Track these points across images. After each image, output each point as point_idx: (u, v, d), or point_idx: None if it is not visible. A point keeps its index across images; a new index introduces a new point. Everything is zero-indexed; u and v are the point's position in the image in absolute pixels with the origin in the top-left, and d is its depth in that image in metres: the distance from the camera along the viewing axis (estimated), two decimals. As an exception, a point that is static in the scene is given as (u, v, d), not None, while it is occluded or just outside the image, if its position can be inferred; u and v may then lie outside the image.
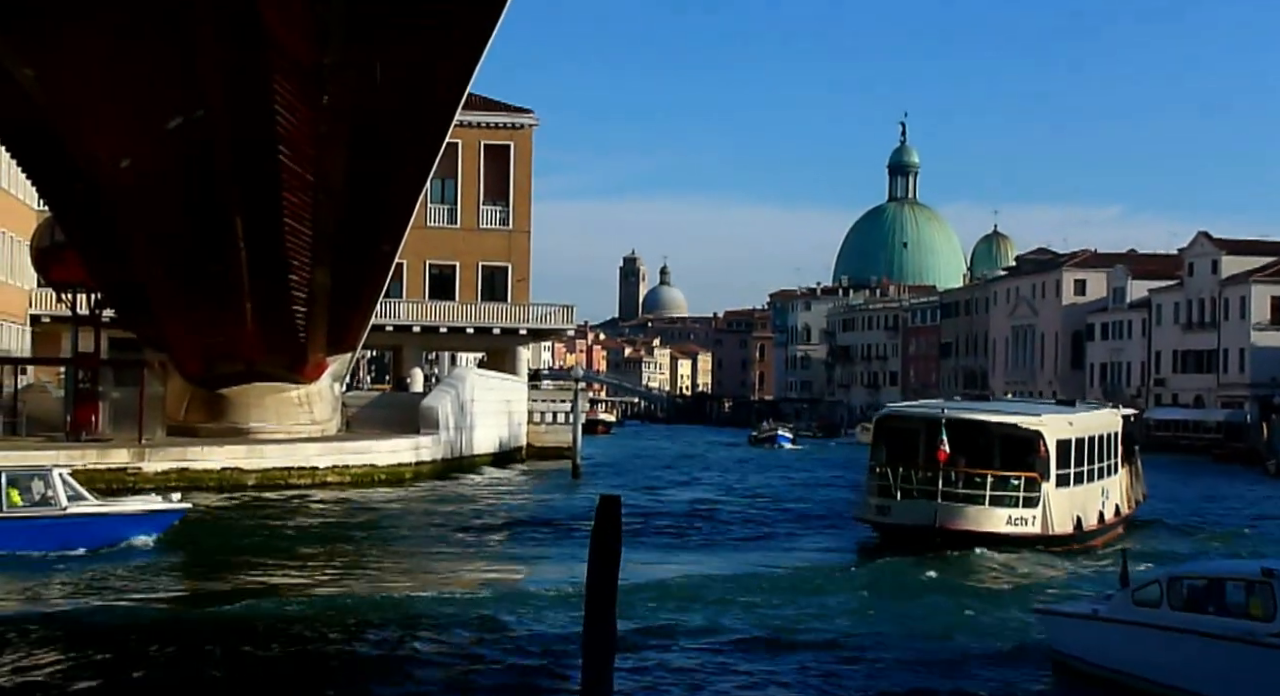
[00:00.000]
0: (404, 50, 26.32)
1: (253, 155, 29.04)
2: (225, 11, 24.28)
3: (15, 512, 22.71)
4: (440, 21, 26.03)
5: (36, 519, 22.84)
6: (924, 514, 25.56)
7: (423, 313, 58.37)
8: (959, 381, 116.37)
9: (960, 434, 26.11)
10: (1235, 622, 13.35)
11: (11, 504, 22.76)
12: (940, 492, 25.52)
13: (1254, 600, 13.36)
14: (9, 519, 22.54)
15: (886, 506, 26.61)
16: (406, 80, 27.92)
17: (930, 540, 25.12)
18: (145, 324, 39.78)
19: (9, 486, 22.83)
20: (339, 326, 40.98)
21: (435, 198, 57.79)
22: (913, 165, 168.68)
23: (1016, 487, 25.95)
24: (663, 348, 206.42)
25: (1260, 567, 13.57)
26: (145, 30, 24.91)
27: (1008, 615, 19.33)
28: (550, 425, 63.47)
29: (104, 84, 26.61)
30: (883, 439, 27.85)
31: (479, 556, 25.93)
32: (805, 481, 50.31)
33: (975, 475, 25.95)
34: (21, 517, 22.72)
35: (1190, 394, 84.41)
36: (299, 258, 34.26)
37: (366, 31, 25.28)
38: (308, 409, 42.97)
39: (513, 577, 23.37)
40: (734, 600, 20.14)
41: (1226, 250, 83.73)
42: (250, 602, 19.32)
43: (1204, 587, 14.13)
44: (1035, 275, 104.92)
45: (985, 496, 25.73)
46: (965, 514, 25.58)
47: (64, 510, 23.08)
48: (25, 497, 23.01)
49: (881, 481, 26.84)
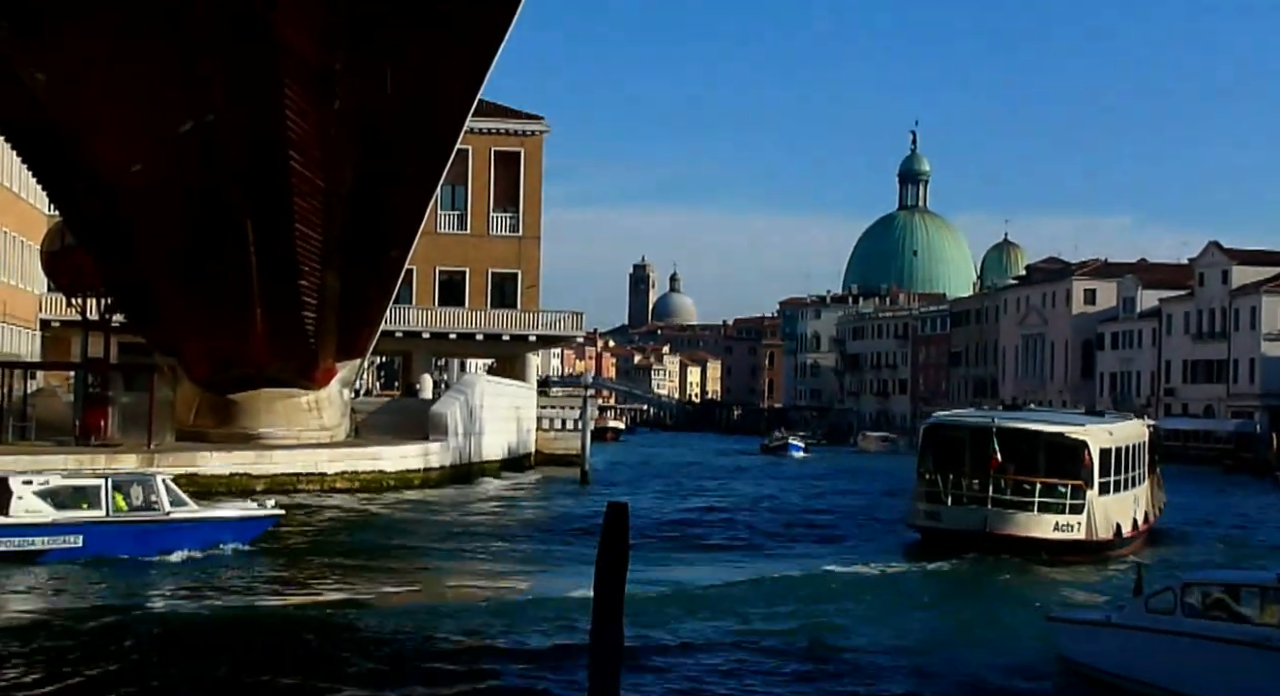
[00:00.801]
0: (414, 56, 26.33)
1: (263, 160, 29.06)
2: (236, 16, 24.31)
3: (120, 517, 23.31)
4: (451, 27, 26.04)
5: (140, 523, 23.46)
6: (974, 520, 26.42)
7: (432, 319, 58.38)
8: (969, 390, 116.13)
9: (1008, 442, 26.91)
10: (1250, 629, 13.28)
11: (116, 508, 23.35)
12: (990, 499, 26.38)
13: (1269, 607, 13.30)
14: (114, 523, 23.16)
15: (936, 512, 27.46)
16: (416, 86, 27.93)
17: (980, 545, 25.87)
18: (155, 328, 39.82)
19: (114, 491, 23.43)
20: (349, 332, 40.99)
21: (445, 204, 57.81)
22: (923, 173, 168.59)
23: (1064, 495, 26.70)
24: (672, 355, 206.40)
25: (1276, 574, 13.53)
26: (156, 35, 24.95)
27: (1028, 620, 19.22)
28: (559, 432, 63.46)
29: (115, 88, 26.64)
30: (930, 447, 28.75)
31: (486, 563, 25.89)
32: (821, 491, 50.15)
33: (1024, 482, 26.70)
34: (126, 522, 23.33)
35: (1200, 404, 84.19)
36: (309, 263, 34.27)
37: (376, 36, 25.30)
38: (317, 414, 42.97)
39: (520, 584, 23.33)
40: (749, 609, 20.04)
41: (1237, 260, 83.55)
42: (328, 606, 19.55)
43: (1218, 595, 14.07)
44: (1045, 284, 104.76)
45: (1034, 503, 26.52)
46: (1015, 520, 26.34)
47: (167, 515, 23.72)
48: (129, 502, 23.57)
49: (931, 488, 27.68)
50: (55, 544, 22.71)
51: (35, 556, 22.54)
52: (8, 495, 22.64)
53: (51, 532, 22.73)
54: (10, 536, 22.38)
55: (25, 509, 22.65)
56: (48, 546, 22.71)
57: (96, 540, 22.99)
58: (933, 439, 28.99)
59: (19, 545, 22.46)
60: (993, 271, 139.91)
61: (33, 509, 22.69)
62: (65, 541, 22.77)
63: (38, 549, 22.66)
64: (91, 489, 23.46)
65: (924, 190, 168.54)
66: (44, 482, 23.26)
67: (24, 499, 22.67)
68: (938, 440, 28.86)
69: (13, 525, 22.44)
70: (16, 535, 22.45)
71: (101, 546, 22.96)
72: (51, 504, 22.92)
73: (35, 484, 23.09)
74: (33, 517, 22.62)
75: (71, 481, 24.01)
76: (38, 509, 22.73)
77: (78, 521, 22.96)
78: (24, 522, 22.53)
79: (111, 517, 23.15)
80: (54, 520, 22.81)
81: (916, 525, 28.68)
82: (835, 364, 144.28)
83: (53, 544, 22.70)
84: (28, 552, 22.46)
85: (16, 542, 22.44)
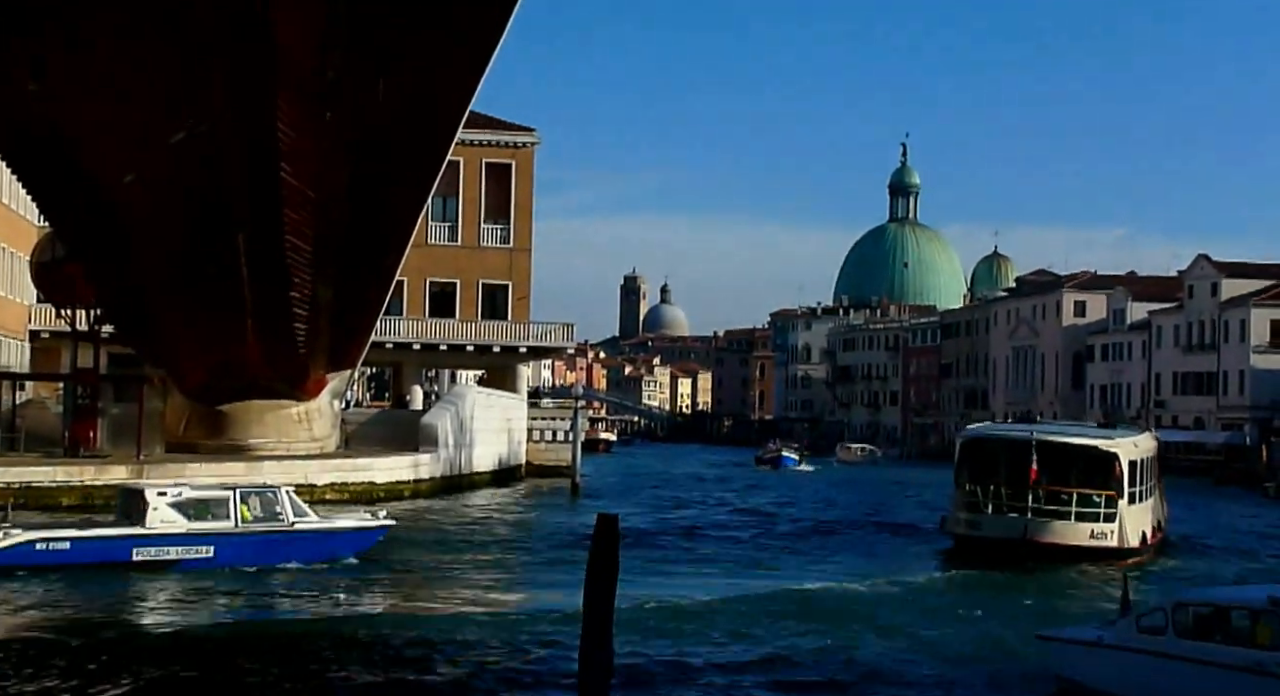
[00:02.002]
0: (407, 66, 26.30)
1: (255, 171, 29.02)
2: (233, 26, 24.27)
3: (247, 528, 23.95)
4: (443, 38, 26.03)
5: (266, 533, 24.11)
6: (1014, 528, 27.89)
7: (423, 330, 58.32)
8: (959, 402, 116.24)
9: (1044, 454, 28.45)
10: (1243, 651, 13.22)
11: (243, 519, 24.00)
12: (1030, 508, 27.93)
13: (1261, 628, 13.22)
14: (242, 533, 23.83)
15: (977, 521, 28.87)
16: (409, 97, 27.89)
17: (1020, 552, 27.22)
18: (145, 339, 39.73)
19: (241, 502, 24.09)
20: (339, 343, 40.92)
21: (436, 215, 57.79)
22: (914, 185, 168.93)
23: (1098, 504, 28.29)
24: (663, 366, 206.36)
25: (1268, 596, 13.44)
26: (150, 43, 24.89)
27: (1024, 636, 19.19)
28: (550, 443, 63.44)
29: (108, 98, 26.58)
30: (968, 459, 30.25)
31: (476, 575, 25.83)
32: (823, 501, 50.05)
33: (1061, 492, 28.28)
34: (253, 533, 23.99)
35: (1190, 416, 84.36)
36: (300, 274, 34.22)
37: (370, 47, 25.27)
38: (307, 426, 42.88)
39: (510, 596, 23.33)
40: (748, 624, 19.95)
41: (1226, 273, 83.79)
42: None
43: (1210, 615, 14.00)
44: (1035, 296, 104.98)
45: (1071, 512, 28.05)
46: (1053, 528, 27.90)
47: (291, 525, 24.37)
48: (254, 513, 24.21)
49: (970, 498, 29.18)
50: (189, 554, 23.40)
51: (170, 566, 23.14)
52: (144, 506, 23.33)
53: (185, 543, 23.42)
54: (148, 546, 23.13)
55: (161, 520, 23.32)
56: (182, 556, 23.38)
57: (226, 550, 23.67)
58: (970, 451, 30.49)
59: (155, 555, 23.19)
60: (983, 283, 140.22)
61: (168, 520, 23.36)
62: (198, 551, 23.47)
63: (173, 559, 23.31)
64: (220, 500, 24.08)
65: (914, 202, 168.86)
66: (177, 494, 23.96)
67: (159, 510, 23.37)
68: (975, 452, 30.37)
69: (150, 535, 23.19)
70: (154, 545, 23.20)
71: (230, 556, 23.65)
72: (184, 515, 23.57)
73: (169, 495, 23.77)
74: (168, 528, 23.30)
75: (201, 493, 24.59)
76: (172, 520, 23.39)
77: (209, 532, 23.63)
78: (160, 533, 23.25)
79: (240, 528, 23.86)
80: (188, 530, 23.48)
81: (957, 533, 29.85)
82: (826, 375, 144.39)
83: (186, 554, 23.40)
84: (164, 562, 23.14)
85: (153, 552, 23.19)
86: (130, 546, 23.11)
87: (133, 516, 23.67)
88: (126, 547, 23.10)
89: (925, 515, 41.88)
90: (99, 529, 23.57)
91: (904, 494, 56.03)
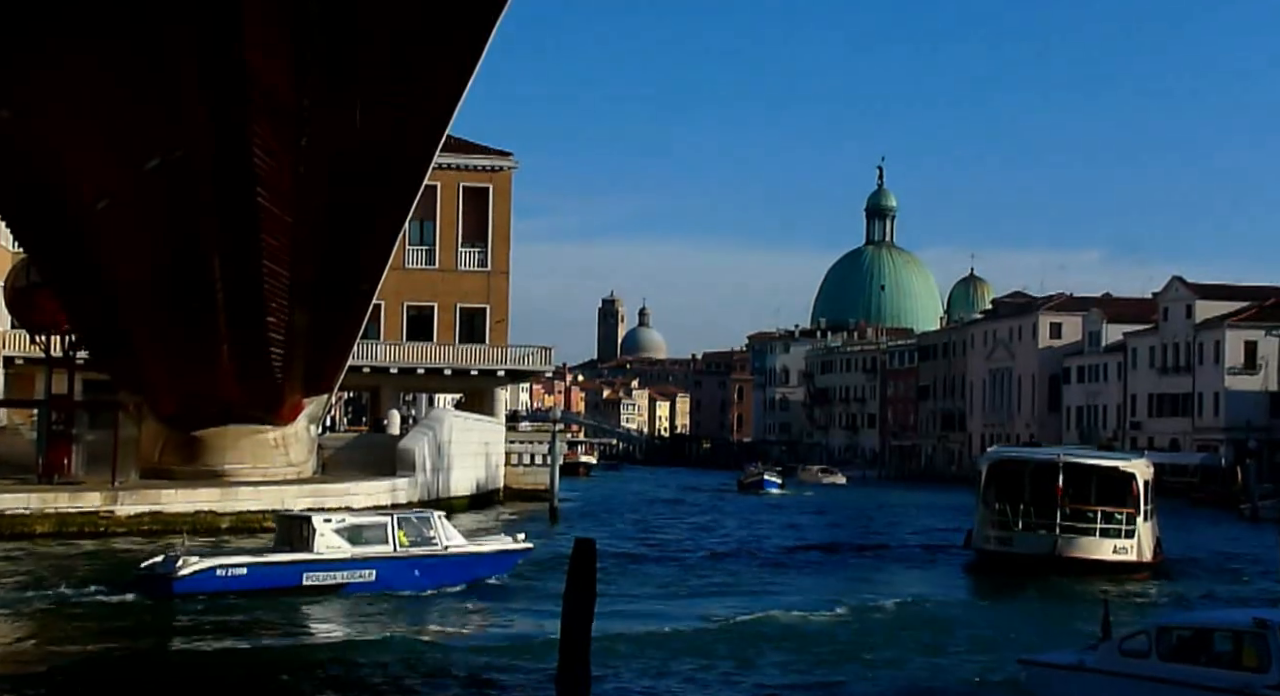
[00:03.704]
0: (383, 92, 26.28)
1: (231, 196, 28.95)
2: (207, 53, 24.24)
3: (405, 552, 24.78)
4: (420, 63, 26.04)
5: (422, 558, 24.98)
6: (1045, 544, 30.08)
7: (400, 354, 58.19)
8: (937, 424, 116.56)
9: (1067, 474, 30.74)
10: (1229, 674, 13.15)
11: (400, 544, 24.79)
12: (1059, 526, 30.10)
13: (1247, 650, 13.15)
14: (401, 558, 24.63)
15: (1008, 537, 30.95)
16: (385, 122, 27.87)
17: (1050, 567, 29.31)
18: (120, 365, 39.52)
19: (398, 527, 24.94)
20: (316, 368, 40.78)
21: (414, 239, 57.76)
22: (890, 209, 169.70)
23: (1120, 521, 30.59)
24: (641, 389, 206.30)
25: (1252, 618, 13.40)
26: (124, 69, 24.84)
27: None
28: (528, 467, 63.22)
29: (82, 124, 26.49)
30: (994, 479, 32.28)
31: (451, 602, 25.71)
32: (807, 525, 49.88)
33: (1086, 510, 30.54)
34: (410, 557, 24.83)
35: (1166, 437, 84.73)
36: (276, 299, 34.11)
37: (345, 73, 25.26)
38: (283, 451, 42.70)
39: (487, 623, 23.17)
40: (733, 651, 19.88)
41: (1200, 295, 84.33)
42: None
43: (1194, 637, 13.95)
44: (1012, 319, 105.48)
45: (1096, 528, 30.33)
46: (1080, 544, 30.15)
47: (445, 550, 25.28)
48: (410, 537, 25.02)
49: (1000, 516, 31.27)
50: (353, 578, 24.22)
51: (336, 590, 24.01)
52: (311, 532, 24.18)
53: (350, 567, 24.23)
54: (317, 571, 24.00)
55: (327, 545, 24.16)
56: (347, 580, 24.21)
57: (386, 574, 24.41)
58: (996, 472, 32.53)
59: (323, 579, 24.04)
60: (959, 306, 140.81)
61: (333, 545, 24.20)
62: (361, 575, 24.30)
63: (338, 582, 24.13)
64: (379, 526, 24.91)
65: (891, 225, 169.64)
66: (340, 520, 25.02)
67: (325, 536, 24.21)
68: (1002, 473, 32.41)
69: (319, 561, 24.04)
70: (322, 570, 24.05)
71: (390, 580, 24.42)
72: (347, 540, 24.39)
73: (334, 522, 24.73)
74: (334, 554, 24.12)
75: (362, 519, 25.77)
76: (338, 545, 24.21)
77: (371, 556, 24.40)
78: (328, 559, 24.09)
79: (398, 553, 24.62)
80: (352, 555, 24.27)
81: (987, 549, 31.80)
82: (804, 398, 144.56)
83: (351, 578, 24.22)
84: (331, 586, 24.01)
85: (321, 577, 24.03)
86: (301, 571, 23.96)
87: (295, 542, 24.48)
88: (297, 573, 23.95)
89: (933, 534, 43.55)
90: (271, 555, 24.47)
91: (900, 515, 56.45)
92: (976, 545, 32.70)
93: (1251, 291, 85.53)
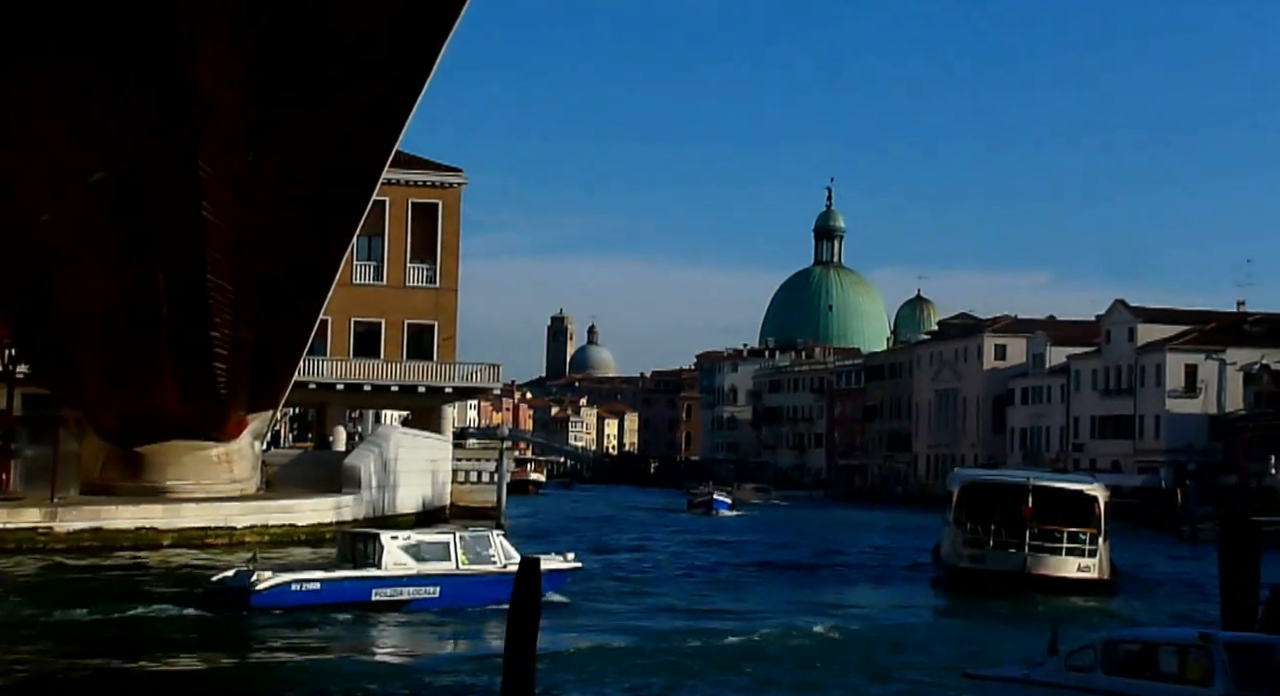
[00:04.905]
0: (330, 108, 26.24)
1: (176, 210, 28.77)
2: (153, 67, 24.11)
3: (466, 569, 25.53)
4: (370, 78, 26.02)
5: (483, 575, 25.59)
6: (1015, 561, 31.72)
7: (347, 370, 57.82)
8: (884, 444, 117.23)
9: (1035, 497, 32.42)
10: (1174, 688, 13.30)
11: (462, 561, 25.61)
12: (1028, 545, 31.76)
13: (1191, 665, 13.31)
14: (463, 575, 25.39)
15: (981, 555, 32.49)
16: (333, 138, 27.83)
17: (1019, 583, 30.98)
18: (62, 380, 39.09)
19: (459, 545, 25.80)
20: (261, 384, 40.51)
21: (361, 255, 57.49)
22: (839, 229, 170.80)
23: (1084, 541, 32.22)
24: (590, 407, 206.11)
25: (1197, 633, 13.58)
26: (68, 84, 24.67)
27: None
28: (475, 484, 62.93)
29: (24, 138, 26.26)
30: (965, 500, 33.80)
31: (394, 621, 25.60)
32: (761, 545, 49.84)
33: (1054, 531, 32.11)
34: (472, 574, 25.53)
35: (1108, 459, 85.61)
36: (222, 314, 33.89)
37: (292, 89, 25.20)
38: (227, 467, 42.37)
39: (428, 643, 23.09)
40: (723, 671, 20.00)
41: (1143, 318, 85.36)
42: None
43: (1140, 652, 14.08)
44: (957, 340, 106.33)
45: (1063, 547, 32.00)
46: (1048, 562, 31.83)
47: (504, 567, 25.39)
48: (470, 555, 25.77)
49: (973, 535, 32.87)
50: (419, 594, 25.13)
51: (402, 605, 24.92)
52: (379, 549, 25.07)
53: (416, 584, 25.12)
54: (385, 587, 24.92)
55: (394, 562, 25.03)
56: (413, 597, 25.09)
57: (449, 590, 25.25)
58: (968, 494, 34.14)
59: (391, 595, 24.95)
60: (906, 327, 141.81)
61: (400, 562, 25.05)
62: (426, 592, 25.20)
63: (405, 598, 25.04)
64: (442, 544, 25.83)
65: (839, 246, 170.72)
66: (406, 538, 26.08)
67: (392, 553, 25.10)
68: (972, 495, 34.04)
69: (387, 577, 24.92)
70: (389, 586, 24.94)
71: (453, 596, 25.22)
72: (413, 557, 25.25)
73: (400, 539, 25.74)
74: (401, 570, 24.96)
75: (426, 537, 26.86)
76: (404, 562, 25.05)
77: (436, 574, 25.26)
78: (396, 575, 24.95)
79: (461, 570, 25.40)
80: (418, 572, 25.16)
81: (960, 566, 33.10)
82: (752, 417, 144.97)
83: (417, 594, 25.13)
84: (398, 602, 24.89)
85: (389, 593, 24.95)
86: (370, 587, 24.83)
87: (357, 559, 25.38)
88: (367, 588, 24.82)
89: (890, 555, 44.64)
90: (342, 570, 25.28)
91: (855, 534, 57.10)
92: (948, 562, 34.06)
93: (1193, 315, 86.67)
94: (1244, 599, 17.50)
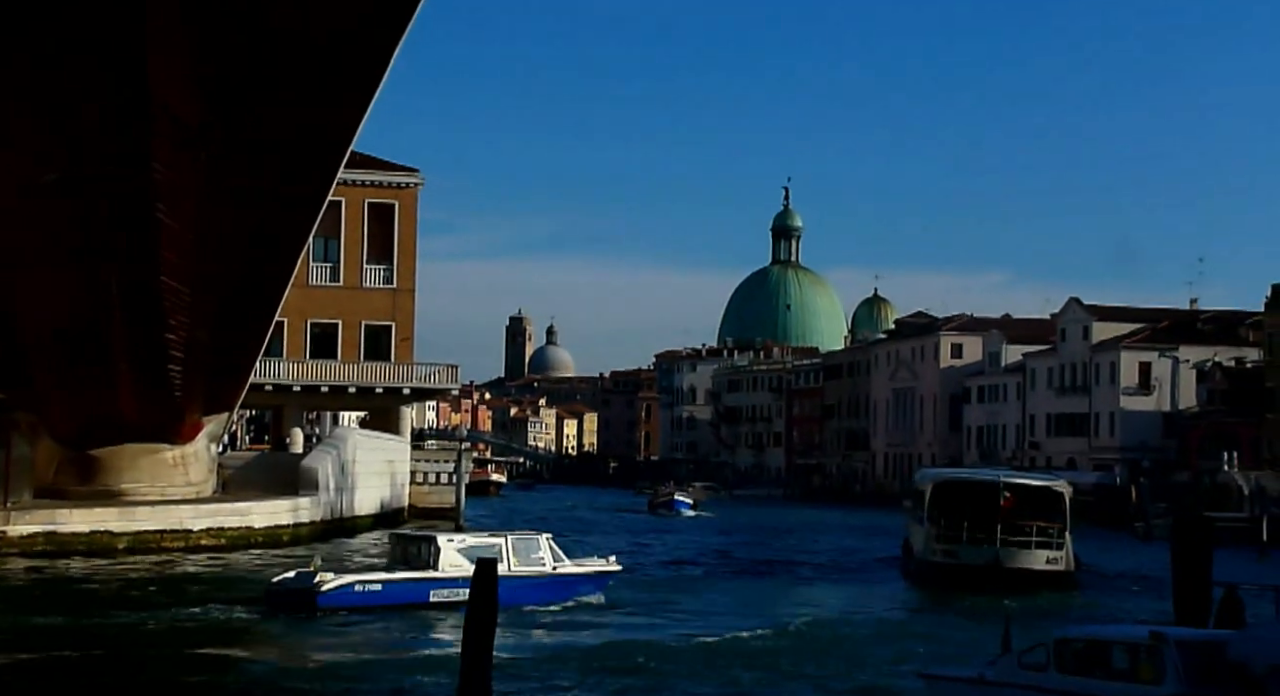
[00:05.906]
0: (283, 109, 26.11)
1: (130, 211, 28.56)
2: (106, 69, 23.92)
3: (518, 571, 26.36)
4: (323, 80, 25.92)
5: (534, 577, 26.96)
6: (988, 556, 32.98)
7: (304, 372, 57.49)
8: (842, 443, 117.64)
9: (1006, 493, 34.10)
10: (1124, 686, 13.40)
11: (513, 564, 26.39)
12: (999, 539, 33.08)
13: (1142, 663, 13.43)
14: (515, 576, 25.86)
15: (955, 550, 33.68)
16: (287, 138, 27.70)
17: (991, 576, 32.09)
18: (13, 383, 38.65)
19: (510, 550, 26.67)
20: (217, 385, 40.22)
21: (318, 256, 57.17)
22: (796, 229, 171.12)
23: (1052, 535, 33.64)
24: (549, 407, 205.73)
25: (1149, 631, 13.68)
26: (21, 85, 24.43)
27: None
28: (434, 485, 62.76)
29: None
30: (938, 498, 35.17)
31: (351, 625, 25.50)
32: (726, 545, 49.87)
33: (1024, 525, 33.53)
34: (524, 575, 26.57)
35: (1063, 456, 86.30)
36: (176, 316, 33.64)
37: (244, 90, 25.06)
38: (183, 470, 42.04)
39: (384, 647, 23.00)
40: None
41: (1097, 316, 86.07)
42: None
43: (1091, 650, 14.17)
44: (914, 339, 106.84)
45: (1032, 541, 33.35)
46: (1019, 556, 33.19)
47: (553, 570, 27.40)
48: (520, 559, 26.81)
49: (947, 531, 34.05)
50: None
51: (459, 606, 24.92)
52: (436, 552, 26.28)
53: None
54: (442, 588, 25.92)
55: (450, 564, 25.95)
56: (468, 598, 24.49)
57: (502, 592, 25.06)
58: (940, 492, 35.55)
59: (448, 596, 25.61)
60: (863, 325, 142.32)
61: (455, 564, 25.71)
62: None
63: (461, 599, 25.10)
64: (494, 547, 26.36)
65: (797, 245, 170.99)
66: (461, 540, 27.30)
67: (449, 555, 26.16)
68: (944, 493, 35.48)
69: (444, 579, 25.89)
70: (447, 587, 25.69)
71: (505, 598, 25.42)
72: (468, 559, 24.89)
73: (455, 542, 26.87)
74: (457, 572, 25.17)
75: (478, 540, 27.71)
76: (459, 564, 25.46)
77: None
78: (452, 577, 25.47)
79: (513, 572, 25.93)
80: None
81: (934, 561, 34.27)
82: (711, 416, 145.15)
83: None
84: (454, 603, 24.83)
85: (446, 594, 25.75)
86: (428, 589, 26.10)
87: (412, 561, 26.66)
88: (425, 590, 26.11)
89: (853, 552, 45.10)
90: (401, 572, 26.55)
91: (817, 533, 57.39)
92: (922, 557, 35.23)
93: (1146, 313, 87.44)
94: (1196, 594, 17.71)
